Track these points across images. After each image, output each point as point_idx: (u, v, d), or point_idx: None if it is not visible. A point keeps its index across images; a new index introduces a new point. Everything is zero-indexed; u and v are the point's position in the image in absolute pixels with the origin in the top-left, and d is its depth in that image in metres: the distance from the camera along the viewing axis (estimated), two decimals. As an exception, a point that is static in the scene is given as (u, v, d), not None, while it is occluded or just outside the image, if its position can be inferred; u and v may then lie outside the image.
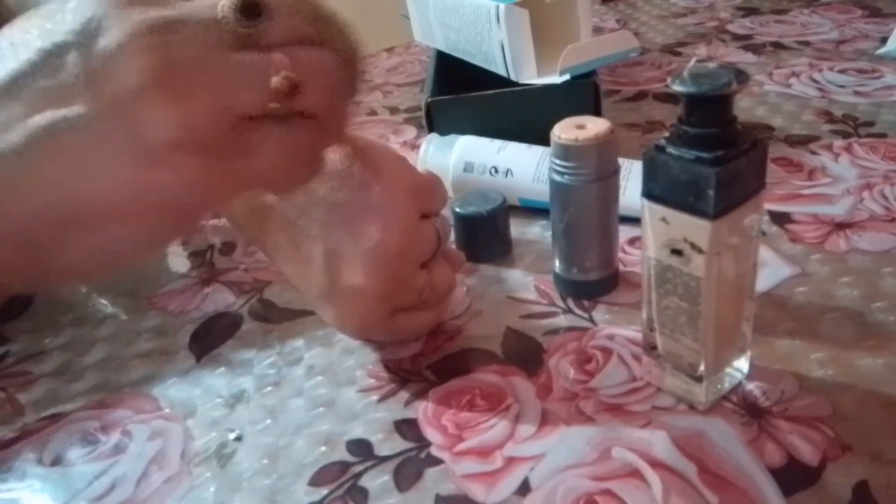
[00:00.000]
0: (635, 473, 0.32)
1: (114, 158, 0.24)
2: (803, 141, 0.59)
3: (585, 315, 0.43)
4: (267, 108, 0.25)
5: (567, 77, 0.55)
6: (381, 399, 0.39)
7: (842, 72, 0.71)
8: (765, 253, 0.45)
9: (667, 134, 0.31)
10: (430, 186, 0.40)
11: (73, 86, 0.23)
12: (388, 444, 0.36)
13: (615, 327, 0.42)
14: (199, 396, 0.41)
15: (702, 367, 0.34)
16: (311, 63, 0.26)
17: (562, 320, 0.43)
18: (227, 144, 0.25)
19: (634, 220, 0.36)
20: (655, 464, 0.33)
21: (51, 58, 0.23)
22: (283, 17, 0.25)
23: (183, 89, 0.23)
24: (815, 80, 0.70)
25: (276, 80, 0.25)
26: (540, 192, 0.51)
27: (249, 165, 0.26)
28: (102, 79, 0.23)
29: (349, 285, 0.37)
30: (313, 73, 0.26)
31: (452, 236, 0.49)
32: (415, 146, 0.66)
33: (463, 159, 0.53)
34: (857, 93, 0.66)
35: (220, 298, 0.49)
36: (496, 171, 0.52)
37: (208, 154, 0.24)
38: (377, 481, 0.34)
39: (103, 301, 0.51)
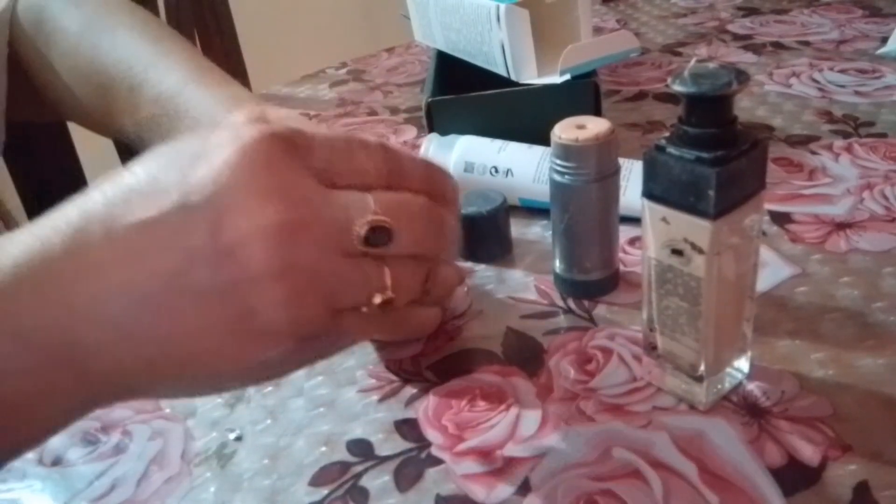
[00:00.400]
0: (636, 474, 0.32)
1: (217, 331, 0.25)
2: (804, 141, 0.59)
3: (586, 315, 0.43)
4: (360, 309, 0.28)
5: (567, 77, 0.55)
6: (382, 399, 0.39)
7: (842, 72, 0.71)
8: (765, 253, 0.45)
9: (667, 134, 0.31)
10: None
11: (199, 254, 0.24)
12: (389, 445, 0.36)
13: (615, 327, 0.42)
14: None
15: (702, 368, 0.34)
16: (408, 285, 0.29)
17: (562, 320, 0.43)
18: (318, 332, 0.27)
19: (635, 220, 0.36)
20: (656, 464, 0.33)
21: (185, 219, 0.24)
22: (405, 242, 0.28)
23: (299, 288, 0.25)
24: (815, 80, 0.70)
25: (377, 297, 0.27)
26: (540, 192, 0.51)
27: (332, 343, 0.29)
28: (229, 258, 0.24)
29: None
30: (407, 291, 0.29)
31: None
32: (415, 146, 0.66)
33: (463, 159, 0.53)
34: (857, 93, 0.66)
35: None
36: (496, 171, 0.52)
37: (301, 340, 0.26)
38: (377, 481, 0.34)
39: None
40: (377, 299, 0.27)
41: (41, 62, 0.52)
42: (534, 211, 0.53)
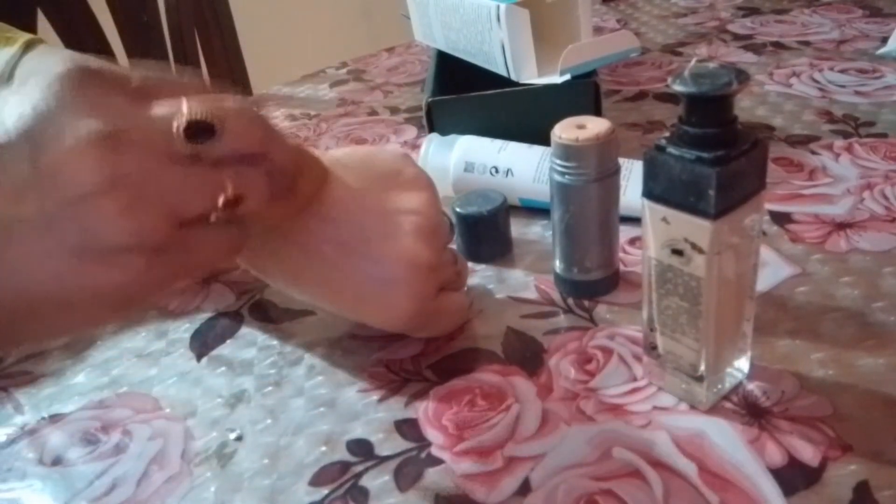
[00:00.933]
0: (636, 473, 0.32)
1: (60, 256, 0.25)
2: (804, 141, 0.59)
3: (586, 315, 0.43)
4: (210, 216, 0.27)
5: (567, 77, 0.55)
6: (382, 399, 0.39)
7: (842, 72, 0.71)
8: (765, 253, 0.45)
9: (667, 134, 0.31)
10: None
11: (24, 184, 0.24)
12: (389, 444, 0.36)
13: (616, 327, 0.42)
14: (199, 396, 0.41)
15: (702, 367, 0.34)
16: (253, 180, 0.28)
17: (562, 320, 0.43)
18: (169, 244, 0.26)
19: (635, 220, 0.35)
20: (656, 464, 0.33)
21: (5, 156, 0.24)
22: (231, 137, 0.27)
23: (131, 198, 0.25)
24: (815, 80, 0.70)
25: (221, 198, 0.27)
26: (540, 191, 0.51)
27: (189, 259, 0.28)
28: (53, 181, 0.24)
29: (403, 260, 0.36)
30: (255, 187, 0.28)
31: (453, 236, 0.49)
32: (415, 146, 0.66)
33: (463, 159, 0.53)
34: (857, 93, 0.66)
35: (221, 298, 0.49)
36: (497, 171, 0.52)
37: (150, 254, 0.26)
38: (378, 481, 0.34)
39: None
40: (220, 200, 0.27)
41: None
42: (534, 211, 0.53)
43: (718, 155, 0.29)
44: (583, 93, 0.56)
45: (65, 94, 0.25)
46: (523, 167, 0.52)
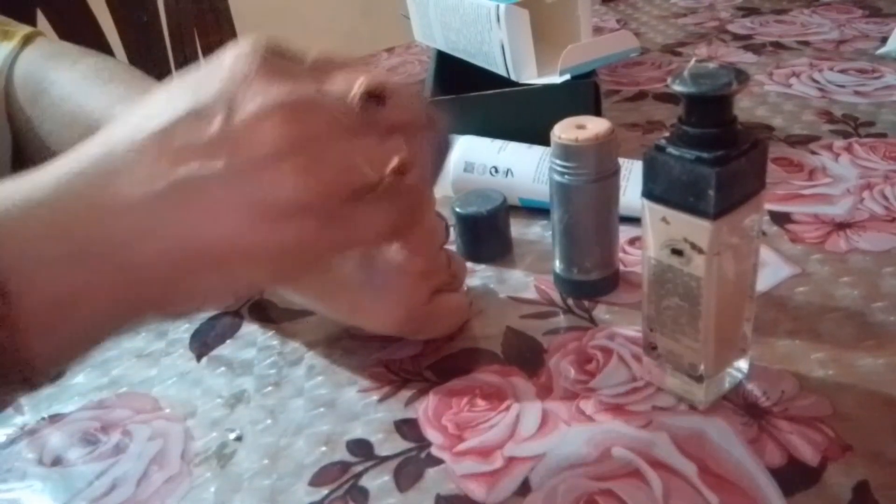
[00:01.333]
0: (636, 473, 0.32)
1: (243, 211, 0.27)
2: (803, 141, 0.59)
3: (586, 315, 0.43)
4: (380, 184, 0.29)
5: (567, 77, 0.55)
6: (382, 399, 0.39)
7: (842, 72, 0.71)
8: (765, 253, 0.45)
9: (667, 134, 0.31)
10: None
11: (215, 144, 0.26)
12: (389, 445, 0.36)
13: (615, 327, 0.42)
14: (199, 396, 0.41)
15: (702, 367, 0.34)
16: (417, 147, 0.30)
17: (562, 320, 0.43)
18: (339, 213, 0.28)
19: (635, 220, 0.36)
20: (656, 464, 0.33)
21: (198, 117, 0.26)
22: (401, 106, 0.29)
23: (311, 161, 0.27)
24: (815, 80, 0.70)
25: (393, 162, 0.29)
26: (540, 192, 0.51)
27: (352, 232, 0.29)
28: (242, 142, 0.26)
29: (392, 267, 0.38)
30: (420, 156, 0.30)
31: (452, 236, 0.49)
32: (415, 146, 0.66)
33: (463, 159, 0.53)
34: (857, 93, 0.66)
35: (221, 298, 0.49)
36: (496, 171, 0.52)
37: (323, 219, 0.27)
38: (377, 481, 0.34)
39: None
40: (394, 162, 0.29)
41: (27, 116, 0.53)
42: (534, 211, 0.53)
43: (718, 155, 0.29)
44: (582, 93, 0.56)
45: (253, 62, 0.27)
46: (523, 167, 0.52)
